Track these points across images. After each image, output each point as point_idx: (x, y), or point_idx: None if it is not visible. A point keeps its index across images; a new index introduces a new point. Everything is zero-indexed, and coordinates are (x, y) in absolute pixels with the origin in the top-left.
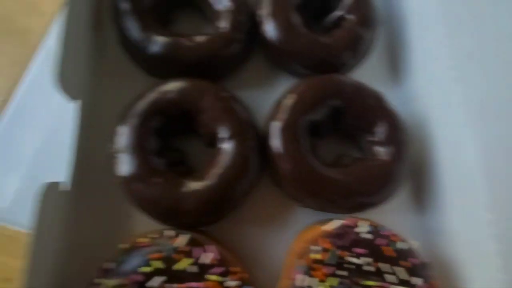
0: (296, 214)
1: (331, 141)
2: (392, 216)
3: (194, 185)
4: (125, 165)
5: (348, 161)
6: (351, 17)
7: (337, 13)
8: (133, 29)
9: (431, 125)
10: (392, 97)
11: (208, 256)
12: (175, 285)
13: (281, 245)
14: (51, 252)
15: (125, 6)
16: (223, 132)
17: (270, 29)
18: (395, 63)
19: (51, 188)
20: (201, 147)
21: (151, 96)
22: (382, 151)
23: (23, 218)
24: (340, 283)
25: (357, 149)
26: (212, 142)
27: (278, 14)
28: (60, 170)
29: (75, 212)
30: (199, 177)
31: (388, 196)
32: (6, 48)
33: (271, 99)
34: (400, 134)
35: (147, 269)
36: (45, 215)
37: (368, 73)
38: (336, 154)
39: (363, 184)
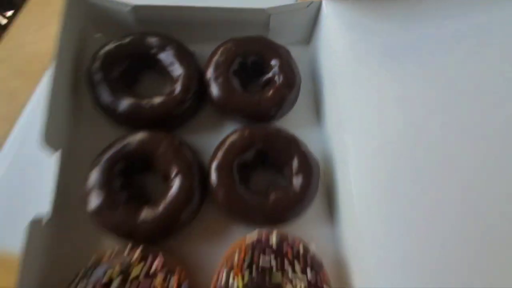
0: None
1: (266, 174)
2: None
3: (148, 213)
4: (94, 200)
5: (272, 189)
6: (277, 79)
7: (267, 76)
8: (104, 94)
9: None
10: (314, 137)
11: (155, 263)
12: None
13: (219, 254)
14: (36, 272)
15: (97, 76)
16: (172, 170)
17: (213, 90)
18: (317, 110)
19: (36, 221)
20: (159, 183)
21: (117, 146)
22: (295, 180)
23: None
24: (252, 279)
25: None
26: (166, 179)
27: (219, 78)
28: (43, 207)
29: (56, 240)
30: (153, 206)
31: (297, 215)
32: None
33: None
34: (308, 167)
35: (108, 277)
36: (30, 244)
37: (295, 119)
38: (267, 185)
39: (276, 207)
